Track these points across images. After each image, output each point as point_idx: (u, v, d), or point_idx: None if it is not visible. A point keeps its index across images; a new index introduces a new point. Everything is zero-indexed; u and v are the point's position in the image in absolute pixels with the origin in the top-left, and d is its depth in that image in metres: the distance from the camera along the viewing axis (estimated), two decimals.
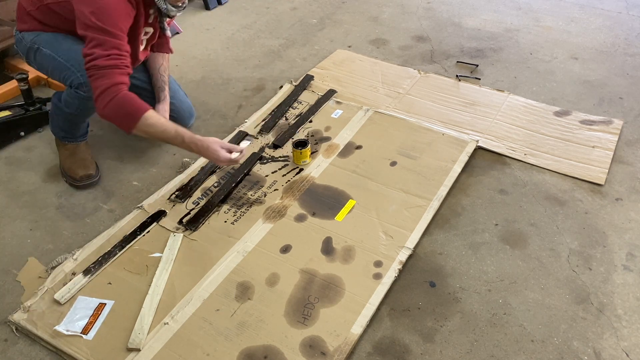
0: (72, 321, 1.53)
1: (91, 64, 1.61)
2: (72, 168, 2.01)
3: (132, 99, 1.64)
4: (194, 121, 2.29)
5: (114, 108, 1.62)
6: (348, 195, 1.94)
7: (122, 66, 1.64)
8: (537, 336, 1.52)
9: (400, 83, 2.56)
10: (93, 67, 1.61)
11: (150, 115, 1.65)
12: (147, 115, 1.64)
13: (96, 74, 1.61)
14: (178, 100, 2.17)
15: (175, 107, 2.17)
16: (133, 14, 1.71)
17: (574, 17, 3.15)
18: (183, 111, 2.20)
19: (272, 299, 1.59)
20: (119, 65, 1.63)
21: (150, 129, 1.66)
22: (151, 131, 1.67)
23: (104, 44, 1.61)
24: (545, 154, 2.15)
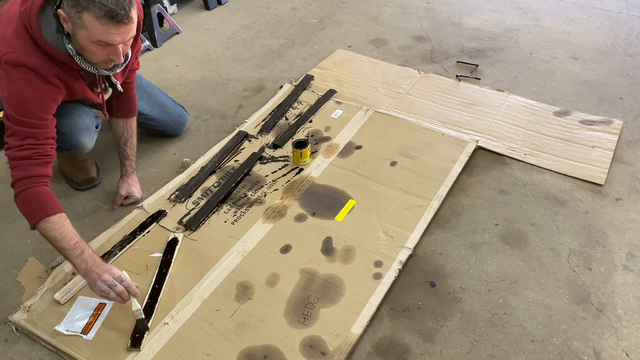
0: (72, 321, 1.53)
1: (7, 154, 1.52)
2: (73, 172, 2.01)
3: (39, 197, 1.50)
4: (187, 126, 2.28)
5: (21, 201, 1.51)
6: (348, 195, 1.94)
7: (36, 157, 1.51)
8: (537, 336, 1.52)
9: (400, 83, 2.56)
10: (9, 157, 1.52)
11: (52, 220, 1.49)
12: (50, 219, 1.49)
13: (11, 164, 1.51)
14: (166, 114, 2.17)
15: (163, 122, 2.17)
16: (61, 93, 1.58)
17: (574, 17, 3.14)
18: (172, 123, 2.20)
19: (272, 299, 1.59)
20: (32, 156, 1.51)
21: (48, 233, 1.49)
22: (50, 235, 1.49)
23: (17, 134, 1.50)
24: (545, 154, 2.14)
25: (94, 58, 1.51)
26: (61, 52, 1.51)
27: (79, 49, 1.50)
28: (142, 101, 2.07)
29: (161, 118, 2.15)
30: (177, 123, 2.22)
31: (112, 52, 1.49)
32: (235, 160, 2.11)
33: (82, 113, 1.80)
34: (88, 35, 1.43)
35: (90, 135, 1.85)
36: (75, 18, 1.41)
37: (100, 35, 1.42)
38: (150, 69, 2.69)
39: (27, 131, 1.51)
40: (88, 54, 1.50)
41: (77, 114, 1.78)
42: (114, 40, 1.44)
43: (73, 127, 1.76)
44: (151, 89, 2.14)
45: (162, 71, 2.69)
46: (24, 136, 1.51)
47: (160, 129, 2.19)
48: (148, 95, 2.11)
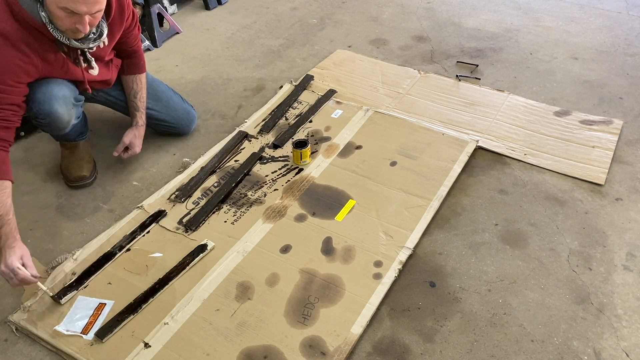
0: (72, 321, 1.53)
1: None
2: (68, 168, 2.01)
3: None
4: (195, 124, 2.28)
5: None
6: (348, 195, 1.94)
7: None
8: (537, 336, 1.52)
9: (400, 83, 2.56)
10: None
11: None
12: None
13: None
14: (172, 110, 2.17)
15: (170, 118, 2.17)
16: (31, 62, 1.61)
17: (574, 17, 3.15)
18: (179, 120, 2.20)
19: (272, 299, 1.59)
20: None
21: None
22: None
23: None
24: (545, 154, 2.15)
25: (61, 25, 1.56)
26: (35, 19, 1.55)
27: (49, 15, 1.54)
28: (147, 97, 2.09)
29: (167, 114, 2.15)
30: (184, 120, 2.21)
31: (79, 21, 1.54)
32: (235, 160, 2.11)
33: (60, 83, 1.78)
34: (56, 0, 1.48)
35: (67, 105, 1.80)
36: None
37: (67, 3, 1.48)
38: (150, 69, 2.67)
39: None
40: (56, 20, 1.54)
41: (54, 83, 1.76)
42: (79, 9, 1.50)
43: (48, 94, 1.74)
44: (156, 85, 2.16)
45: (162, 71, 2.69)
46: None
47: (167, 124, 2.18)
48: (153, 91, 2.12)
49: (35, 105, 1.73)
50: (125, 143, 2.00)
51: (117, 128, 2.27)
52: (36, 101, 1.72)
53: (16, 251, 1.52)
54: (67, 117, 1.82)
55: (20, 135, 2.23)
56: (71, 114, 1.84)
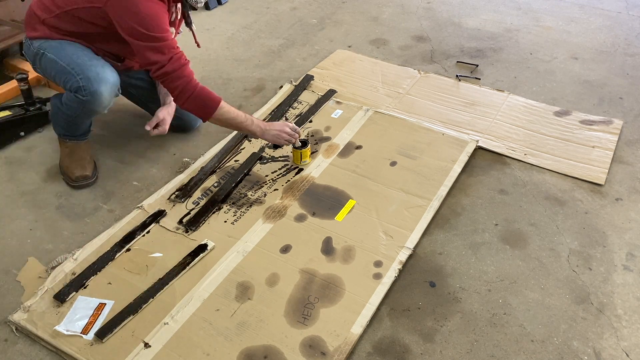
0: (72, 321, 1.53)
1: (160, 72, 1.74)
2: (70, 167, 2.01)
3: (206, 93, 1.81)
4: (200, 122, 2.28)
5: (193, 102, 1.80)
6: (348, 195, 1.94)
7: (184, 62, 1.77)
8: (537, 336, 1.52)
9: (400, 83, 2.56)
10: (163, 74, 1.74)
11: (223, 105, 1.84)
12: (221, 105, 1.83)
13: (168, 78, 1.75)
14: None
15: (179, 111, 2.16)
16: (166, 8, 1.78)
17: (574, 17, 3.15)
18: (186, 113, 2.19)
19: (272, 299, 1.59)
20: (182, 63, 1.76)
21: (224, 116, 1.85)
22: (225, 117, 1.86)
23: (161, 49, 1.72)
24: (545, 154, 2.15)
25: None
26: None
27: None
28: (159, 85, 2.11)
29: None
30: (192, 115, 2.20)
31: None
32: (235, 160, 2.11)
33: (109, 68, 1.85)
34: None
35: (112, 91, 1.85)
36: None
37: None
38: None
39: (167, 44, 1.72)
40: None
41: (107, 66, 1.84)
42: None
43: (101, 75, 1.80)
44: None
45: None
46: (167, 49, 1.72)
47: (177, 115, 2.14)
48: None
49: (84, 81, 1.77)
50: (159, 118, 2.02)
51: (116, 130, 2.27)
52: (86, 77, 1.77)
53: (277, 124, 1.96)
54: (107, 102, 1.86)
55: (20, 135, 2.23)
56: (111, 101, 1.89)
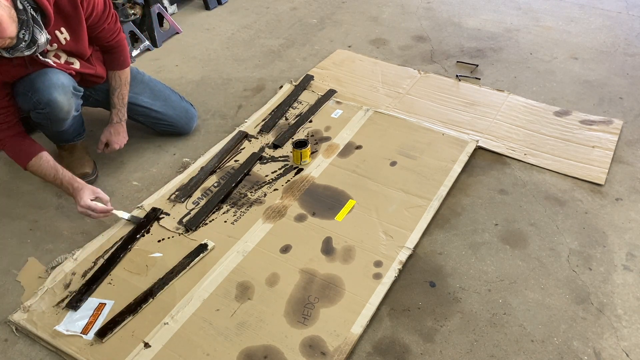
0: (72, 321, 1.53)
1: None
2: (70, 167, 2.01)
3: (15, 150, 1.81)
4: (196, 123, 2.28)
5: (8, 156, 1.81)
6: (348, 195, 1.94)
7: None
8: (537, 336, 1.52)
9: (400, 83, 2.56)
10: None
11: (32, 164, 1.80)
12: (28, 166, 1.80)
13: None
14: (170, 108, 2.16)
15: (168, 117, 2.17)
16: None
17: (574, 17, 3.14)
18: (178, 118, 2.19)
19: (272, 299, 1.59)
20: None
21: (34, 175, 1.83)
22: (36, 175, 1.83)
23: None
24: (545, 154, 2.14)
25: None
26: None
27: None
28: (143, 95, 2.09)
29: (165, 111, 2.15)
30: (183, 118, 2.21)
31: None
32: (235, 160, 2.11)
33: (57, 72, 1.78)
34: None
35: (66, 94, 1.79)
36: None
37: None
38: (150, 69, 2.69)
39: None
40: None
41: (52, 72, 1.77)
42: None
43: (47, 82, 1.74)
44: (154, 84, 2.15)
45: (162, 71, 2.69)
46: None
47: (166, 122, 2.18)
48: (150, 89, 2.12)
49: (35, 95, 1.74)
50: (102, 142, 2.03)
51: None
52: (35, 90, 1.73)
53: (85, 190, 1.77)
54: (67, 106, 1.81)
55: None
56: (71, 103, 1.83)
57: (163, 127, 2.20)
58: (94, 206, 1.75)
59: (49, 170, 1.79)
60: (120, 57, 1.99)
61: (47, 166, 1.80)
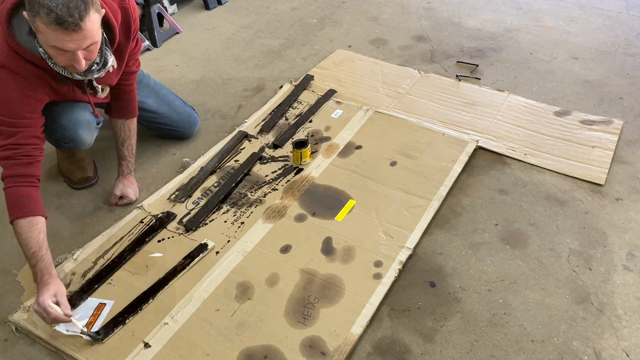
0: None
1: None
2: (70, 170, 2.01)
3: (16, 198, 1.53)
4: (198, 128, 2.28)
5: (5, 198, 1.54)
6: (348, 195, 1.94)
7: (17, 157, 1.53)
8: (537, 336, 1.52)
9: (400, 83, 2.56)
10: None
11: (21, 225, 1.51)
12: (17, 222, 1.51)
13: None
14: (175, 113, 2.16)
15: (173, 121, 2.16)
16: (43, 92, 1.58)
17: (574, 17, 3.14)
18: (182, 122, 2.19)
19: (272, 299, 1.59)
20: (13, 156, 1.53)
21: (16, 235, 1.53)
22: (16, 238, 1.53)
23: (1, 133, 1.52)
24: (545, 154, 2.14)
25: (58, 62, 1.47)
26: (35, 55, 1.49)
27: None
28: (149, 99, 2.08)
29: (170, 116, 2.15)
30: (186, 122, 2.20)
31: (72, 58, 1.43)
32: (235, 160, 2.11)
33: (83, 108, 1.79)
34: (44, 39, 1.39)
35: (90, 130, 1.83)
36: (32, 22, 1.37)
37: (53, 41, 1.38)
38: (150, 69, 2.69)
39: (9, 131, 1.52)
40: (52, 57, 1.46)
41: (78, 108, 1.77)
42: (68, 47, 1.39)
43: (73, 120, 1.75)
44: (159, 88, 2.15)
45: (162, 71, 2.69)
46: (6, 136, 1.53)
47: (170, 127, 2.17)
48: (155, 94, 2.11)
49: (60, 130, 1.74)
50: (117, 196, 1.93)
51: None
52: (60, 126, 1.73)
53: (50, 288, 1.48)
54: (89, 141, 1.85)
55: None
56: (93, 137, 1.87)
57: (166, 132, 2.20)
58: (50, 310, 1.45)
59: (34, 242, 1.51)
60: (130, 103, 1.92)
61: (34, 236, 1.51)
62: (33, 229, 1.52)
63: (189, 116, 2.21)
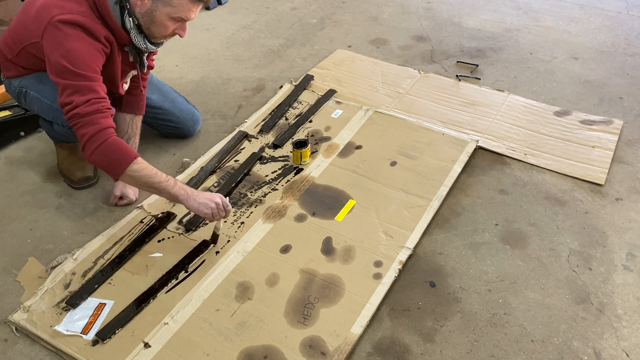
0: (72, 321, 1.53)
1: (72, 113, 1.56)
2: (71, 170, 2.01)
3: (120, 145, 1.60)
4: (200, 126, 2.28)
5: (102, 154, 1.58)
6: (348, 195, 1.94)
7: (104, 109, 1.59)
8: (537, 336, 1.52)
9: (400, 83, 2.56)
10: (75, 116, 1.56)
11: (139, 162, 1.60)
12: (137, 161, 1.59)
13: (79, 122, 1.56)
14: (178, 110, 2.16)
15: (176, 118, 2.16)
16: (106, 50, 1.65)
17: (574, 17, 3.15)
18: (185, 120, 2.19)
19: (272, 299, 1.59)
20: (101, 109, 1.58)
21: (138, 173, 1.59)
22: (140, 175, 1.60)
23: (80, 89, 1.55)
24: (545, 154, 2.15)
25: (162, 32, 1.66)
26: (117, 22, 1.63)
27: (148, 23, 1.64)
28: (153, 94, 2.09)
29: (173, 112, 2.15)
30: (189, 120, 2.20)
31: (181, 27, 1.68)
32: (235, 160, 2.11)
33: None
34: (171, 11, 1.60)
35: None
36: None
37: (182, 12, 1.61)
38: None
39: (88, 85, 1.57)
40: (159, 28, 1.65)
41: None
42: (190, 17, 1.64)
43: None
44: (162, 86, 2.16)
45: (162, 71, 2.69)
46: (87, 91, 1.57)
47: (172, 124, 2.17)
48: (159, 90, 2.13)
49: None
50: (117, 196, 1.92)
51: None
52: None
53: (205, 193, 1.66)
54: None
55: (20, 135, 2.23)
56: None
57: (169, 129, 2.20)
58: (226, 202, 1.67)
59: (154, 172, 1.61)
60: (141, 99, 1.98)
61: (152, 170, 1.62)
62: (148, 166, 1.62)
63: (191, 114, 2.22)
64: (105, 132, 1.58)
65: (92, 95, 1.57)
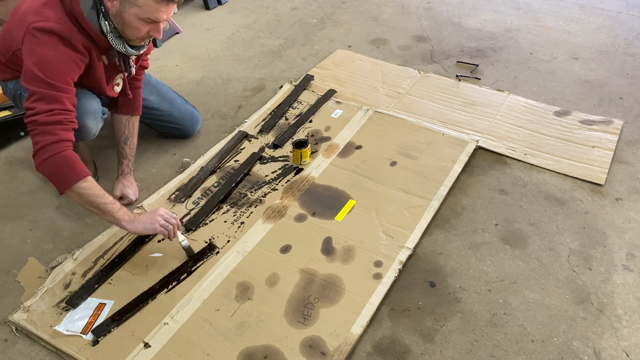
0: (72, 321, 1.53)
1: (31, 119, 1.53)
2: None
3: (73, 160, 1.55)
4: (199, 127, 2.28)
5: (51, 166, 1.53)
6: (348, 195, 1.94)
7: (66, 122, 1.56)
8: (537, 336, 1.52)
9: (400, 83, 2.56)
10: (33, 122, 1.53)
11: (89, 179, 1.56)
12: (86, 179, 1.55)
13: (37, 129, 1.52)
14: (177, 110, 2.16)
15: (175, 119, 2.16)
16: (84, 60, 1.63)
17: (574, 17, 3.15)
18: (184, 120, 2.19)
19: (272, 299, 1.59)
20: (62, 121, 1.55)
21: (86, 191, 1.55)
22: (86, 193, 1.55)
23: (46, 98, 1.53)
24: (545, 154, 2.14)
25: (135, 34, 1.60)
26: (93, 27, 1.60)
27: (120, 25, 1.59)
28: (151, 96, 2.09)
29: (171, 113, 2.15)
30: (188, 121, 2.20)
31: (154, 28, 1.60)
32: (235, 160, 2.11)
33: (90, 97, 1.79)
34: (138, 12, 1.54)
35: (96, 120, 1.81)
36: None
37: (150, 12, 1.54)
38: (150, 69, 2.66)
39: (54, 95, 1.54)
40: (131, 30, 1.59)
41: (85, 97, 1.77)
42: (160, 18, 1.56)
43: (81, 108, 1.73)
44: (160, 86, 2.16)
45: (162, 71, 2.69)
46: (52, 100, 1.54)
47: (171, 125, 2.17)
48: (157, 91, 2.12)
49: None
50: (116, 196, 1.91)
51: None
52: None
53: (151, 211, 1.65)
54: (94, 130, 1.83)
55: (20, 135, 2.23)
56: (98, 127, 1.85)
57: (168, 130, 2.20)
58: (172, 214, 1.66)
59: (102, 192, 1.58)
60: (138, 99, 1.97)
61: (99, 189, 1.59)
62: (96, 186, 1.59)
63: (190, 114, 2.21)
64: (61, 144, 1.53)
65: (56, 106, 1.54)
